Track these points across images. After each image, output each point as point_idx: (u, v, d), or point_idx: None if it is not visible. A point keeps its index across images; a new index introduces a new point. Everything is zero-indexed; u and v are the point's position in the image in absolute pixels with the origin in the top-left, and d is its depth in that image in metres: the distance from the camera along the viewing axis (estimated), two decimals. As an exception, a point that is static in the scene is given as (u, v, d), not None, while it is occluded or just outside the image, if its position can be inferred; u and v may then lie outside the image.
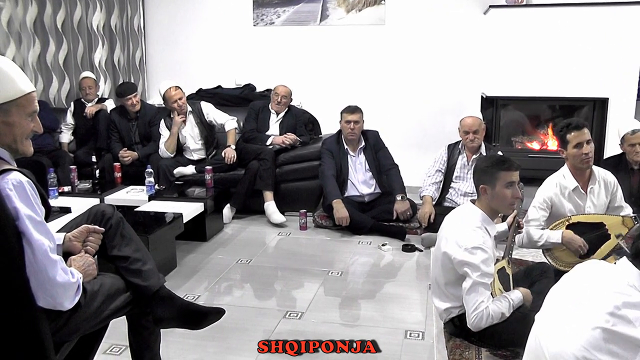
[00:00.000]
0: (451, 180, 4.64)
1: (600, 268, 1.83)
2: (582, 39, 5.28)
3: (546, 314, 1.90)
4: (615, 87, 5.34)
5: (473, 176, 2.95)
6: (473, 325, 2.70)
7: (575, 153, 3.44)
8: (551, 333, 1.80)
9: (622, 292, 1.64)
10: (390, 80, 6.13)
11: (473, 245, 2.68)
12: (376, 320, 3.28)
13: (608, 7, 5.24)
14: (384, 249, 4.37)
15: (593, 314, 1.64)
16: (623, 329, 1.58)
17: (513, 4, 5.44)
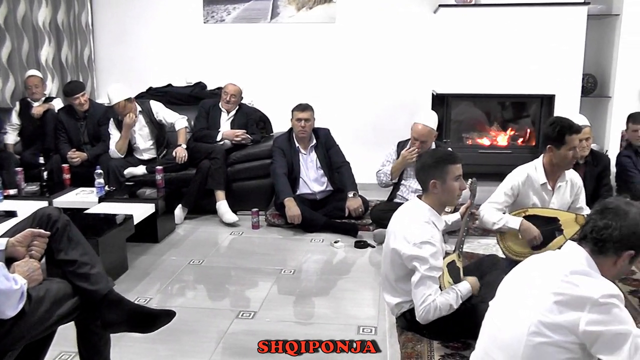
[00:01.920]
0: (401, 178, 4.70)
1: (551, 254, 2.01)
2: (529, 38, 5.41)
3: (500, 301, 2.03)
4: (561, 84, 5.50)
5: (419, 172, 2.97)
6: (421, 318, 2.75)
7: (567, 154, 3.53)
8: (505, 318, 1.94)
9: (569, 264, 1.85)
10: (341, 78, 6.18)
11: (421, 240, 2.74)
12: (329, 317, 3.32)
13: (553, 7, 5.40)
14: (337, 246, 4.41)
15: (546, 284, 1.82)
16: (571, 291, 1.79)
17: (462, 3, 5.53)
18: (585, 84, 5.79)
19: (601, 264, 1.88)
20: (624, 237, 1.85)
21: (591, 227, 1.90)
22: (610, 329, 1.74)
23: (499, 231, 3.63)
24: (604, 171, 4.81)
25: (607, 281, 1.82)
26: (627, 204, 1.92)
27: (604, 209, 1.91)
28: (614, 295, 1.77)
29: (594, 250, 1.88)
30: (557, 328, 1.78)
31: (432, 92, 5.79)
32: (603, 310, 1.74)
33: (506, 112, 6.07)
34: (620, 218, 1.86)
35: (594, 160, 4.79)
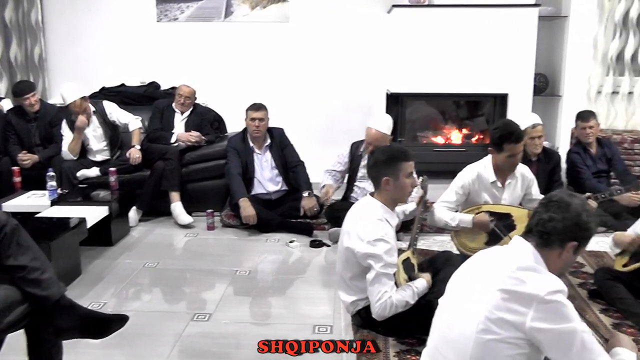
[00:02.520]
0: (356, 179, 4.75)
1: (499, 250, 2.05)
2: (482, 38, 5.52)
3: (448, 298, 2.07)
4: (514, 84, 5.63)
5: (371, 169, 3.00)
6: (377, 315, 2.81)
7: (506, 161, 3.62)
8: (454, 315, 1.97)
9: (516, 260, 1.89)
10: (296, 78, 6.19)
11: (375, 238, 2.79)
12: (285, 317, 3.35)
13: (504, 8, 5.51)
14: (292, 246, 4.45)
15: (493, 280, 1.86)
16: (518, 287, 1.82)
17: (416, 3, 5.59)
18: (537, 84, 5.94)
19: (547, 257, 1.93)
20: (567, 228, 1.91)
21: (536, 220, 1.96)
22: (556, 327, 1.78)
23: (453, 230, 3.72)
24: (555, 167, 4.98)
25: (552, 277, 1.87)
26: (570, 195, 1.98)
27: (547, 202, 1.97)
28: (559, 291, 1.81)
29: (540, 243, 1.93)
30: (504, 324, 1.81)
31: (387, 91, 5.86)
32: (549, 307, 1.78)
33: (460, 111, 6.17)
34: (563, 210, 1.92)
35: (546, 157, 4.95)
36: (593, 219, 1.95)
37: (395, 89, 5.66)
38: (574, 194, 2.01)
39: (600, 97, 6.18)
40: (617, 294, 3.34)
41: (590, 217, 1.94)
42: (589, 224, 1.94)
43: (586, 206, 1.96)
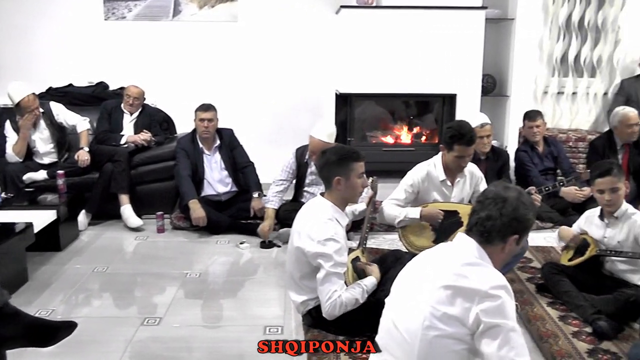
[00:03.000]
0: (304, 185, 4.74)
1: (443, 247, 2.08)
2: (430, 39, 5.59)
3: (395, 296, 2.09)
4: (462, 84, 5.72)
5: (323, 169, 3.00)
6: (328, 314, 2.83)
7: (455, 161, 3.68)
8: (401, 308, 1.99)
9: (460, 257, 1.92)
10: (245, 78, 6.16)
11: (325, 237, 2.81)
12: (236, 318, 3.35)
13: (452, 10, 5.59)
14: (242, 247, 4.44)
15: (437, 278, 1.88)
16: (461, 283, 1.85)
17: (364, 4, 5.62)
18: (485, 84, 6.07)
19: (491, 252, 1.96)
20: (506, 224, 1.93)
21: (475, 219, 1.98)
22: (492, 321, 1.80)
23: (401, 226, 3.76)
24: (503, 166, 5.11)
25: (496, 272, 1.91)
26: (506, 189, 1.99)
27: (484, 200, 1.99)
28: (502, 287, 1.85)
29: (482, 240, 1.96)
30: (449, 320, 1.84)
31: (336, 91, 5.88)
32: (490, 301, 1.81)
33: (410, 111, 6.24)
34: (500, 206, 1.93)
35: (495, 155, 5.07)
36: (530, 209, 1.98)
37: (345, 89, 5.69)
38: (509, 187, 2.02)
39: (546, 97, 6.36)
40: (562, 288, 3.45)
41: (527, 208, 1.97)
42: (527, 216, 1.96)
43: (522, 197, 1.97)
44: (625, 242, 3.38)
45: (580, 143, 6.01)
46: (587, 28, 6.24)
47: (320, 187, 4.54)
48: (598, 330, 3.05)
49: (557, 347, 2.95)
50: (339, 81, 5.81)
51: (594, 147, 5.33)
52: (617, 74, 6.32)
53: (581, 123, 6.45)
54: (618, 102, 6.00)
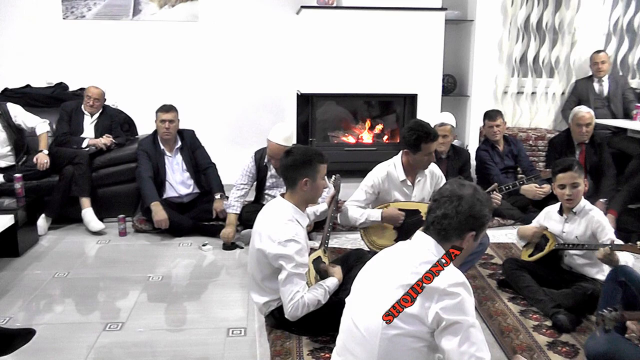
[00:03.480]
0: (265, 188, 4.72)
1: (402, 245, 2.08)
2: (391, 40, 5.63)
3: (355, 296, 2.09)
4: (423, 84, 5.78)
5: (288, 169, 2.97)
6: (290, 315, 2.83)
7: (422, 160, 3.70)
8: (361, 307, 2.00)
9: (418, 255, 1.93)
10: (206, 78, 6.13)
11: (286, 238, 2.80)
12: (199, 321, 3.32)
13: (412, 11, 5.64)
14: (205, 249, 4.42)
15: (397, 277, 1.89)
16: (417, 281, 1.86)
17: (324, 5, 5.63)
18: (445, 84, 6.15)
19: (449, 249, 1.97)
20: (463, 221, 1.94)
21: (432, 218, 1.98)
22: (452, 318, 1.82)
23: (363, 226, 3.79)
24: (464, 165, 5.18)
25: (454, 270, 1.92)
26: (461, 186, 2.00)
27: (439, 198, 1.99)
28: (461, 284, 1.86)
29: (439, 238, 1.97)
30: (408, 319, 1.85)
31: (297, 92, 5.88)
32: (449, 299, 1.83)
33: (371, 111, 6.27)
34: (456, 204, 1.94)
35: (456, 154, 5.14)
36: (486, 205, 1.99)
37: (306, 89, 5.69)
38: (464, 184, 2.02)
39: (506, 97, 6.48)
40: (523, 283, 3.52)
41: (483, 205, 1.97)
42: (483, 212, 1.97)
43: (477, 195, 1.98)
44: (583, 237, 3.47)
45: (540, 141, 6.13)
46: (545, 30, 6.39)
47: (281, 190, 4.50)
48: (557, 324, 3.14)
49: (518, 341, 3.01)
50: (300, 81, 5.81)
51: (552, 145, 5.45)
52: (573, 74, 6.48)
53: (541, 122, 6.59)
54: (571, 102, 6.18)
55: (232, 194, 4.62)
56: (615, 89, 6.23)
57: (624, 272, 2.86)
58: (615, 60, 6.61)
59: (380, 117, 6.24)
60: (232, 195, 4.61)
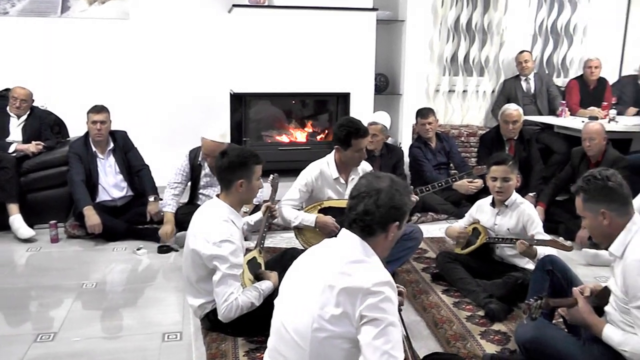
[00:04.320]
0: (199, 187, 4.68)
1: (328, 244, 2.05)
2: (323, 39, 5.67)
3: (283, 294, 2.06)
4: (355, 83, 5.84)
5: (224, 171, 2.96)
6: (224, 317, 2.81)
7: (353, 156, 3.72)
8: (290, 309, 1.97)
9: (344, 255, 1.91)
10: (138, 78, 5.99)
11: (221, 239, 2.79)
12: (134, 328, 3.25)
13: (343, 11, 5.69)
14: (140, 253, 4.33)
15: (323, 277, 1.87)
16: (346, 282, 1.84)
17: (255, 4, 5.61)
18: (378, 83, 6.24)
19: (374, 243, 1.95)
20: (384, 214, 1.93)
21: (353, 216, 1.96)
22: (372, 314, 1.80)
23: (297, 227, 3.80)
24: (398, 162, 5.25)
25: (380, 269, 1.90)
26: (377, 179, 1.99)
27: (357, 194, 1.97)
28: (385, 283, 1.84)
29: (364, 234, 1.95)
30: (337, 321, 1.83)
31: (230, 91, 5.84)
32: (373, 297, 1.80)
33: (305, 110, 6.29)
34: (375, 198, 1.92)
35: (389, 152, 5.21)
36: (405, 194, 1.98)
37: (239, 89, 5.66)
38: (380, 176, 2.01)
39: (438, 95, 6.63)
40: (456, 275, 3.62)
41: (402, 194, 1.97)
42: (403, 201, 1.97)
43: (395, 185, 1.97)
44: (514, 230, 3.60)
45: (472, 138, 6.29)
46: (475, 30, 6.58)
47: (215, 189, 4.52)
48: (490, 313, 3.26)
49: (452, 332, 3.09)
50: (233, 81, 5.77)
51: (483, 141, 5.62)
52: (502, 73, 6.69)
53: (472, 119, 6.78)
54: (500, 100, 6.39)
55: (166, 193, 4.56)
56: (541, 86, 6.49)
57: (551, 261, 2.98)
58: (541, 60, 6.90)
59: (314, 116, 6.27)
60: (167, 194, 4.56)
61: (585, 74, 6.50)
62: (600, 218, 2.41)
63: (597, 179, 2.40)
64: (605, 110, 6.02)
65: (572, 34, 6.93)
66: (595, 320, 2.46)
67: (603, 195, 2.39)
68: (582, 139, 4.82)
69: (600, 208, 2.40)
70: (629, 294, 2.30)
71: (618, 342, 2.34)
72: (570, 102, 6.41)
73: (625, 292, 2.33)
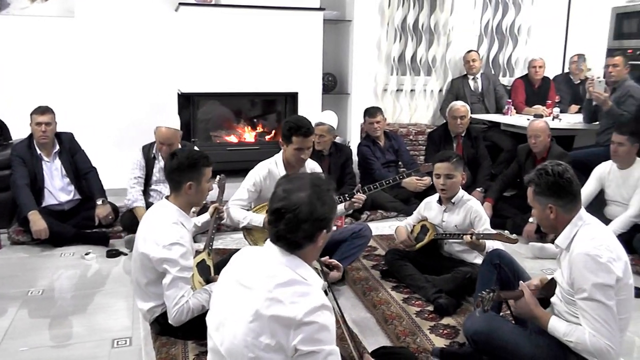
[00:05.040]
0: (151, 183, 4.65)
1: (255, 258, 1.95)
2: (271, 38, 5.67)
3: (214, 313, 1.97)
4: (304, 83, 5.86)
5: (173, 173, 2.93)
6: (174, 320, 2.79)
7: (294, 154, 3.71)
8: (222, 331, 1.90)
9: (273, 274, 1.81)
10: (83, 78, 5.87)
11: (170, 242, 2.76)
12: (83, 335, 3.18)
13: (290, 11, 5.71)
14: (88, 258, 4.24)
15: (252, 302, 1.79)
16: (276, 310, 1.74)
17: (202, 2, 5.57)
18: (326, 82, 6.29)
19: (304, 254, 1.88)
20: (309, 229, 1.83)
21: (276, 232, 1.85)
22: (309, 349, 1.73)
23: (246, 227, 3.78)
24: (346, 161, 5.30)
25: (311, 291, 1.79)
26: (295, 188, 1.86)
27: (276, 210, 1.84)
28: (318, 308, 1.75)
29: (291, 249, 1.86)
30: (272, 350, 1.76)
31: (178, 91, 5.77)
32: (306, 329, 1.73)
33: (254, 110, 6.28)
34: (295, 214, 1.81)
35: (337, 151, 5.25)
36: (326, 201, 1.87)
37: (187, 88, 5.61)
38: (297, 181, 1.90)
39: (386, 94, 6.70)
40: (405, 272, 3.68)
41: (324, 203, 1.86)
42: (325, 208, 1.85)
43: (315, 194, 1.84)
44: (462, 226, 3.67)
45: (420, 136, 6.39)
46: (422, 30, 6.67)
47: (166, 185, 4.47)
48: (439, 308, 3.32)
49: (402, 328, 3.14)
50: (181, 80, 5.71)
51: (431, 138, 5.71)
52: (449, 73, 6.82)
53: (420, 118, 6.88)
54: (449, 99, 6.51)
55: (132, 190, 4.53)
56: (488, 85, 6.65)
57: (498, 255, 3.06)
58: (487, 59, 7.07)
59: (263, 116, 6.26)
60: (133, 191, 4.53)
61: (530, 74, 6.69)
62: (547, 211, 2.49)
63: (548, 175, 2.47)
64: (549, 109, 6.22)
65: (516, 34, 7.13)
66: (541, 313, 2.53)
67: (552, 191, 2.47)
68: (528, 136, 4.96)
69: (548, 203, 2.48)
70: (575, 286, 2.38)
71: (563, 333, 2.42)
72: (516, 100, 6.59)
73: (571, 284, 2.41)
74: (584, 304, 2.34)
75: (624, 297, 2.37)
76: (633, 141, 4.33)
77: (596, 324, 2.31)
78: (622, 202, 4.41)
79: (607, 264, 2.31)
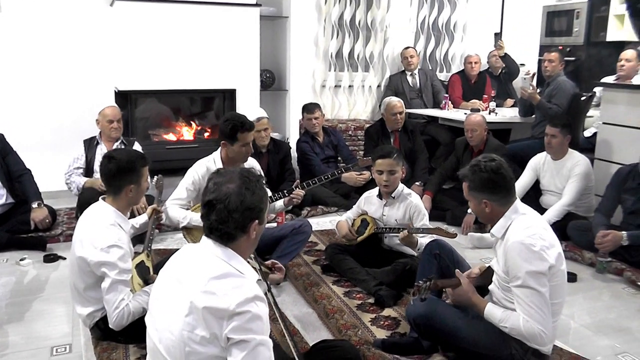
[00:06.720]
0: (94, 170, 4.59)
1: (191, 251, 1.98)
2: (207, 34, 5.59)
3: (152, 311, 1.98)
4: (241, 80, 5.82)
5: (113, 178, 2.86)
6: (115, 324, 2.75)
7: (240, 151, 3.69)
8: (159, 329, 1.90)
9: (207, 268, 1.83)
10: (13, 76, 5.56)
11: (108, 244, 2.72)
12: (20, 344, 3.07)
13: (226, 7, 5.65)
14: (24, 264, 4.11)
15: (187, 296, 1.80)
16: (210, 302, 1.76)
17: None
18: (264, 79, 6.28)
19: (237, 247, 1.90)
20: (240, 219, 1.86)
21: (209, 225, 1.89)
22: (240, 337, 1.74)
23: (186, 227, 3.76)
24: (285, 157, 5.33)
25: (244, 283, 1.81)
26: (225, 180, 1.90)
27: (208, 202, 1.89)
28: (251, 299, 1.77)
29: (224, 241, 1.89)
30: (207, 342, 1.77)
31: (115, 89, 5.65)
32: (238, 319, 1.74)
33: (192, 107, 6.21)
34: (225, 204, 1.85)
35: (276, 148, 5.27)
36: (256, 191, 1.90)
37: (124, 86, 5.48)
38: (227, 174, 1.94)
39: (324, 90, 6.75)
40: (346, 265, 3.73)
41: (254, 192, 1.89)
42: (255, 197, 1.89)
43: (243, 185, 1.88)
44: (402, 220, 3.74)
45: (359, 132, 6.47)
46: (359, 27, 6.75)
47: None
48: (379, 300, 3.39)
49: (343, 321, 3.18)
50: (117, 78, 5.58)
51: (368, 134, 5.80)
52: (387, 69, 6.92)
53: (359, 113, 6.97)
54: (387, 95, 6.59)
55: (72, 177, 4.61)
56: (426, 81, 6.80)
57: (438, 245, 3.16)
58: (424, 55, 7.20)
59: (201, 113, 6.20)
60: (74, 176, 4.62)
61: (466, 69, 6.86)
62: (482, 205, 2.59)
63: (482, 171, 2.55)
64: (485, 103, 6.39)
65: (452, 31, 7.30)
66: (478, 300, 2.62)
67: (486, 187, 2.55)
68: (465, 130, 5.10)
69: (483, 198, 2.57)
70: (510, 273, 2.47)
71: (499, 319, 2.51)
72: (453, 95, 6.76)
73: (506, 271, 2.50)
74: (519, 291, 2.44)
75: (557, 282, 2.47)
76: (565, 133, 4.52)
77: (530, 309, 2.41)
78: (556, 191, 4.60)
79: (541, 252, 2.41)
